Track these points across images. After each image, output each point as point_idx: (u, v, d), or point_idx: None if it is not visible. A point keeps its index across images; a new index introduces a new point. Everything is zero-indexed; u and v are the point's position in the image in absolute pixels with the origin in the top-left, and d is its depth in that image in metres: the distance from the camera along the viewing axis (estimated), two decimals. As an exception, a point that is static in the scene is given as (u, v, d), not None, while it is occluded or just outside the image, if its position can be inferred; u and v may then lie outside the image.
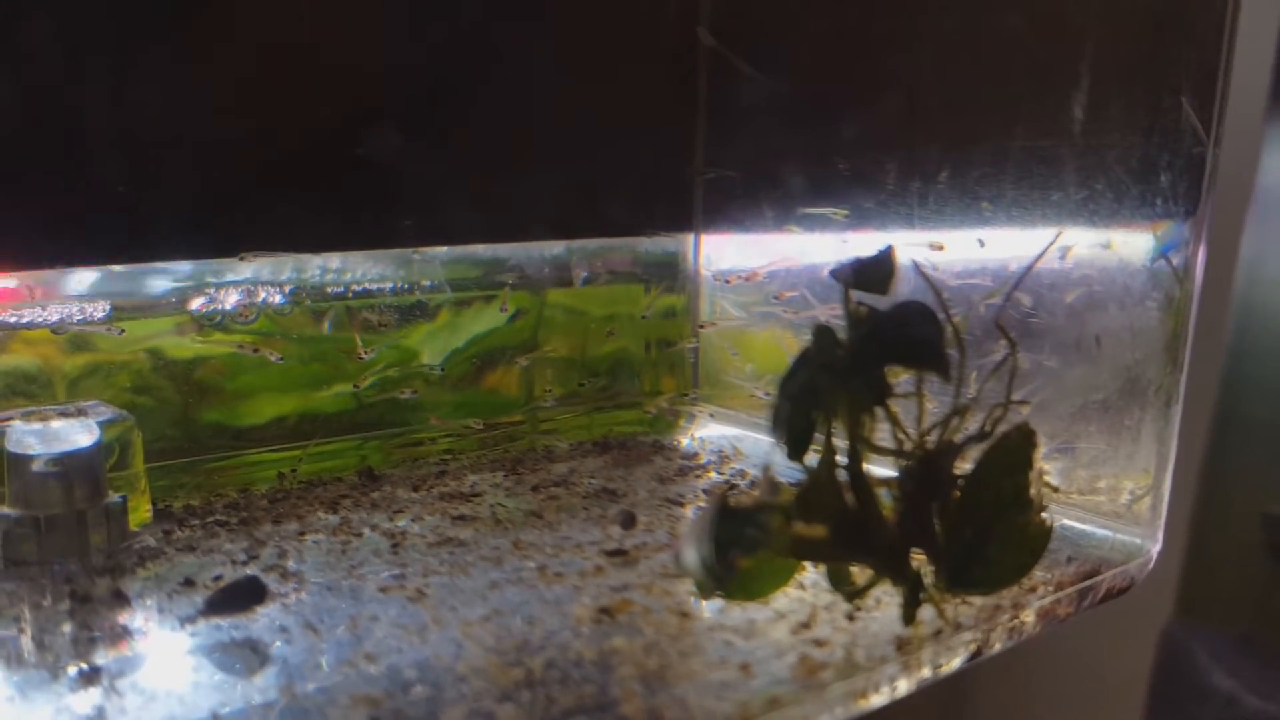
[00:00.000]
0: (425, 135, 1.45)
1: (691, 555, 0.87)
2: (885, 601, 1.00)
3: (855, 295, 0.93)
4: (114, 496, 1.15)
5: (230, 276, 1.39)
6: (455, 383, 1.58)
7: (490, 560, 1.14)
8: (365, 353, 1.47)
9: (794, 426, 0.90)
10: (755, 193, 1.58)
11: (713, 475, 1.45)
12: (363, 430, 1.51)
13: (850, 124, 1.41)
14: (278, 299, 1.42)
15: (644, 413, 1.73)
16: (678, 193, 1.70)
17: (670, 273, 1.74)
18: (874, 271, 0.95)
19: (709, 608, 1.00)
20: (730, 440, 1.62)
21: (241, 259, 1.36)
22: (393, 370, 1.52)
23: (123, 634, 0.97)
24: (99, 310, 1.32)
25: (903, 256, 0.97)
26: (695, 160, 1.67)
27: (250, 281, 1.40)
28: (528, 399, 1.64)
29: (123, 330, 1.32)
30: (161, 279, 1.36)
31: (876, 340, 0.90)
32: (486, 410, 1.60)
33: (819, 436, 0.91)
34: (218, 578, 1.08)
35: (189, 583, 1.07)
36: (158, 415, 1.35)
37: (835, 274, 0.95)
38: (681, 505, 1.32)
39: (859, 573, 0.95)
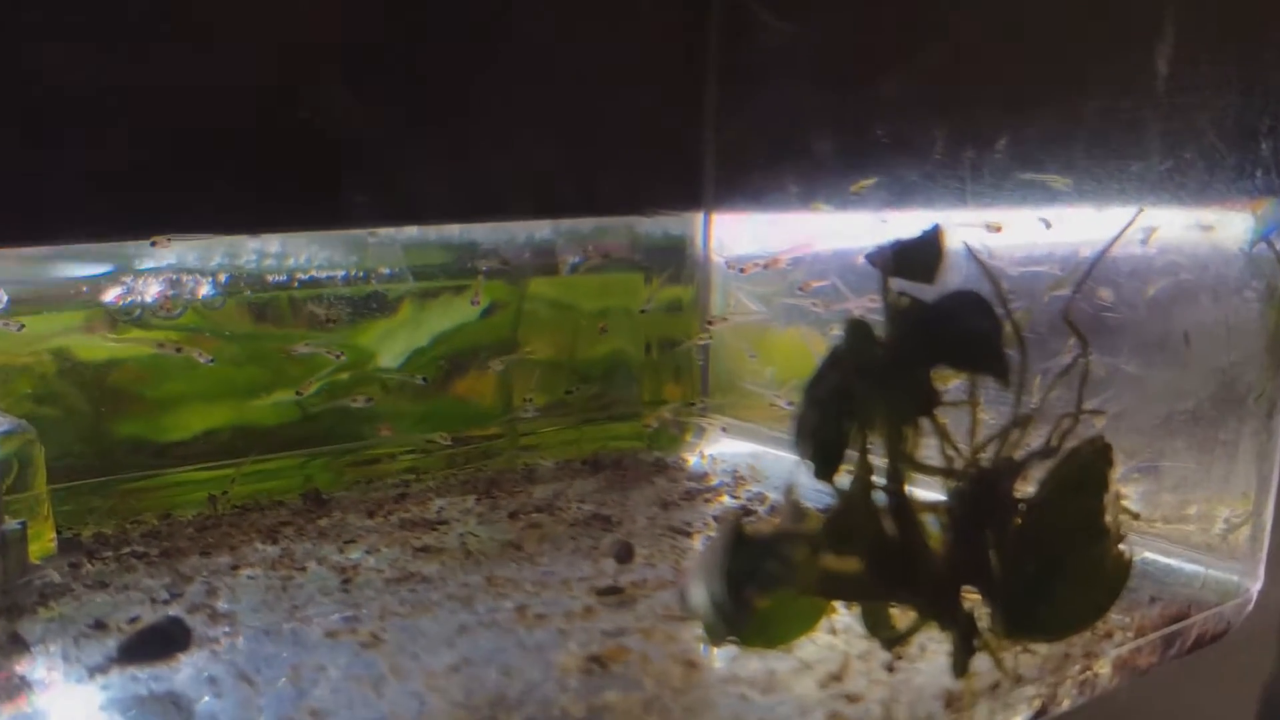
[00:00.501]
0: (383, 94, 1.45)
1: (700, 593, 0.87)
2: (931, 649, 1.00)
3: (896, 284, 0.93)
4: (11, 523, 1.15)
5: (151, 263, 1.39)
6: (418, 389, 1.58)
7: (459, 599, 1.13)
8: (302, 347, 1.47)
9: (823, 439, 0.90)
10: (776, 163, 1.58)
11: (725, 500, 1.45)
12: (308, 446, 1.51)
13: (890, 81, 1.40)
14: (206, 289, 1.42)
15: (643, 426, 1.73)
16: (685, 163, 1.70)
17: (675, 259, 1.74)
18: (918, 255, 0.94)
19: (720, 656, 1.00)
20: (746, 458, 1.62)
21: (154, 244, 1.36)
22: (343, 374, 1.52)
23: (20, 686, 0.97)
24: (-9, 302, 1.32)
25: (952, 239, 0.97)
26: (705, 124, 1.67)
27: (175, 269, 1.40)
28: (505, 409, 1.64)
29: (22, 326, 1.32)
30: (69, 265, 1.36)
31: (921, 337, 0.90)
32: (455, 422, 1.60)
33: (852, 452, 0.91)
34: (134, 619, 1.08)
35: (100, 625, 1.07)
36: (64, 428, 1.35)
37: (872, 258, 0.94)
38: (688, 535, 1.32)
39: (900, 615, 0.95)
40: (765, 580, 0.85)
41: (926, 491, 0.93)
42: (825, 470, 0.90)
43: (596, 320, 1.69)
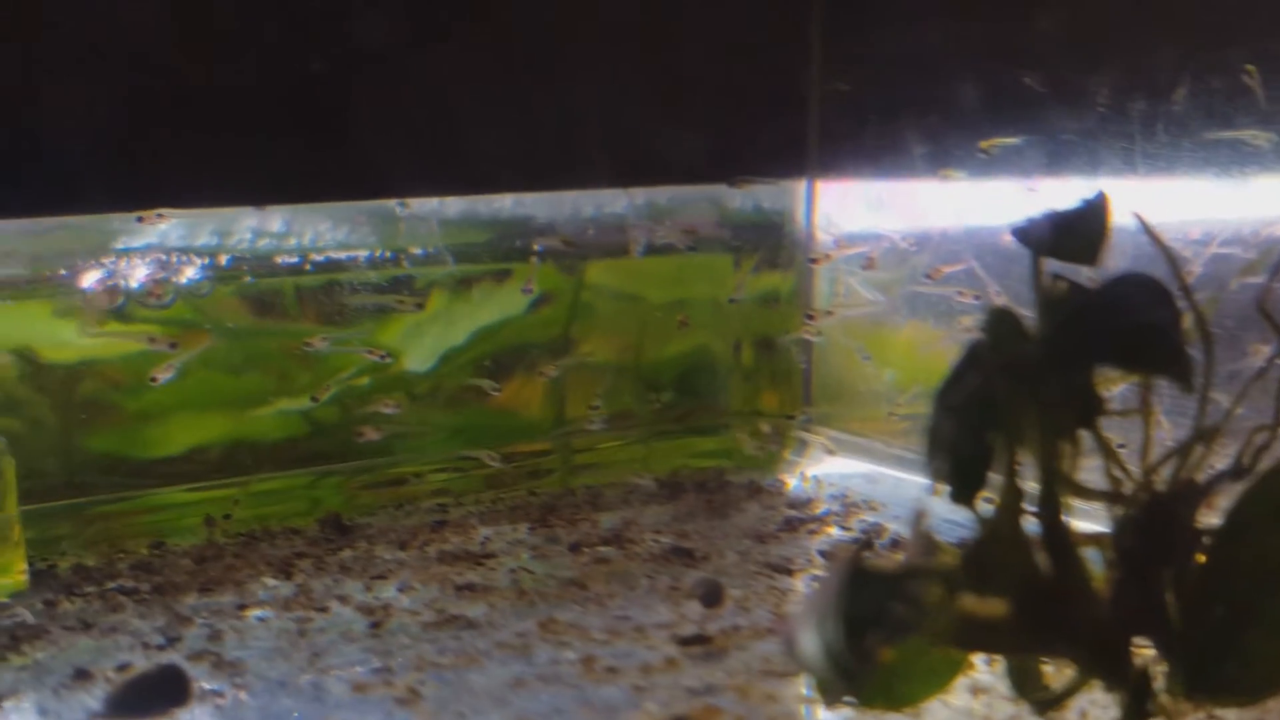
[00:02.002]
0: (415, 38, 1.47)
1: (811, 641, 0.87)
2: (1094, 714, 1.00)
3: (1049, 266, 0.93)
4: (-25, 552, 1.18)
5: (133, 242, 1.41)
6: (450, 397, 1.60)
7: (512, 648, 1.15)
8: (318, 341, 1.49)
9: (961, 456, 0.90)
10: (896, 119, 1.58)
11: (834, 531, 1.46)
12: (317, 463, 1.54)
13: (1043, 13, 1.40)
14: (192, 272, 1.44)
15: (740, 439, 1.73)
16: (783, 120, 1.70)
17: (771, 238, 1.75)
18: (1078, 231, 0.94)
19: (834, 718, 1.01)
20: (858, 480, 1.62)
21: (141, 220, 1.39)
22: (362, 378, 1.54)
23: (-11, 745, 0.99)
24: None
25: (1119, 211, 0.97)
26: (809, 70, 1.68)
27: (161, 248, 1.42)
28: (557, 421, 1.66)
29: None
30: (29, 243, 1.39)
31: (1082, 330, 0.90)
32: (495, 437, 1.62)
33: (996, 471, 0.91)
34: (124, 667, 1.10)
35: (83, 674, 1.09)
36: (29, 442, 1.37)
37: (1022, 234, 0.95)
38: (789, 573, 1.33)
39: (1055, 671, 0.95)
40: (892, 626, 0.85)
41: (1087, 521, 0.93)
42: (965, 493, 0.90)
43: (670, 313, 1.70)
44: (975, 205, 1.52)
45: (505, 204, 1.60)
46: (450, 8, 1.49)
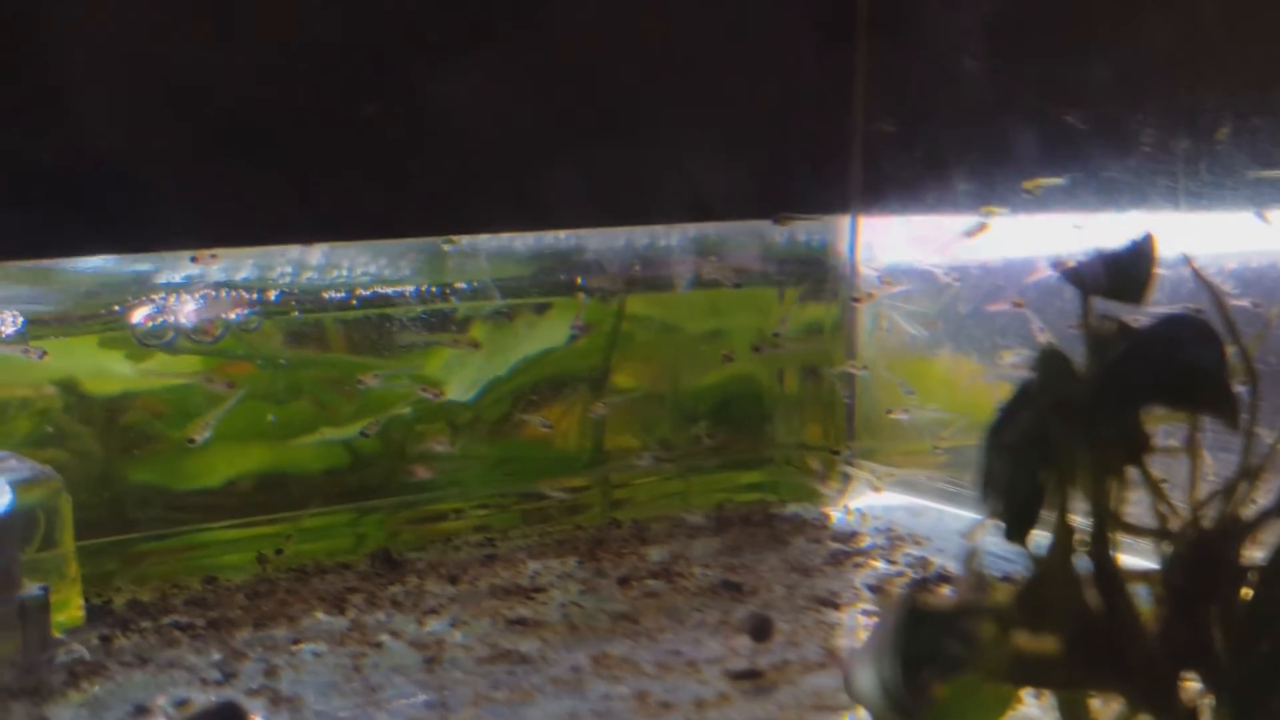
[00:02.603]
0: (462, 74, 1.49)
1: (868, 678, 0.88)
2: (1143, 749, 1.01)
3: (1098, 305, 0.94)
4: (32, 588, 1.19)
5: (176, 276, 1.43)
6: (492, 428, 1.62)
7: (565, 683, 1.16)
8: (371, 379, 1.51)
9: (1015, 494, 0.91)
10: (940, 155, 1.59)
11: (879, 565, 1.47)
12: (360, 498, 1.56)
13: (1087, 54, 1.42)
14: (242, 310, 1.46)
15: (799, 467, 1.74)
16: (827, 155, 1.71)
17: (815, 272, 1.76)
18: (1127, 270, 0.96)
19: (886, 754, 1.02)
20: (902, 514, 1.64)
21: (194, 260, 1.41)
22: (405, 409, 1.56)
23: (54, 781, 1.01)
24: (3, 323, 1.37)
25: (1165, 249, 0.98)
26: (853, 106, 1.69)
27: (210, 283, 1.45)
28: (596, 454, 1.67)
29: (44, 353, 1.37)
30: (82, 279, 1.41)
31: (1131, 370, 0.91)
32: (533, 469, 1.64)
33: (1048, 509, 0.92)
34: (182, 703, 1.12)
35: (142, 710, 1.11)
36: (76, 472, 1.39)
37: (1070, 275, 0.96)
38: (836, 607, 1.34)
39: (1105, 706, 0.96)
40: (946, 663, 0.86)
41: (1135, 558, 0.94)
42: (1019, 531, 0.91)
43: (710, 345, 1.72)
44: (1018, 240, 1.53)
45: (535, 241, 1.62)
46: (513, 46, 1.51)
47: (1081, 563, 0.92)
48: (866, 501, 1.69)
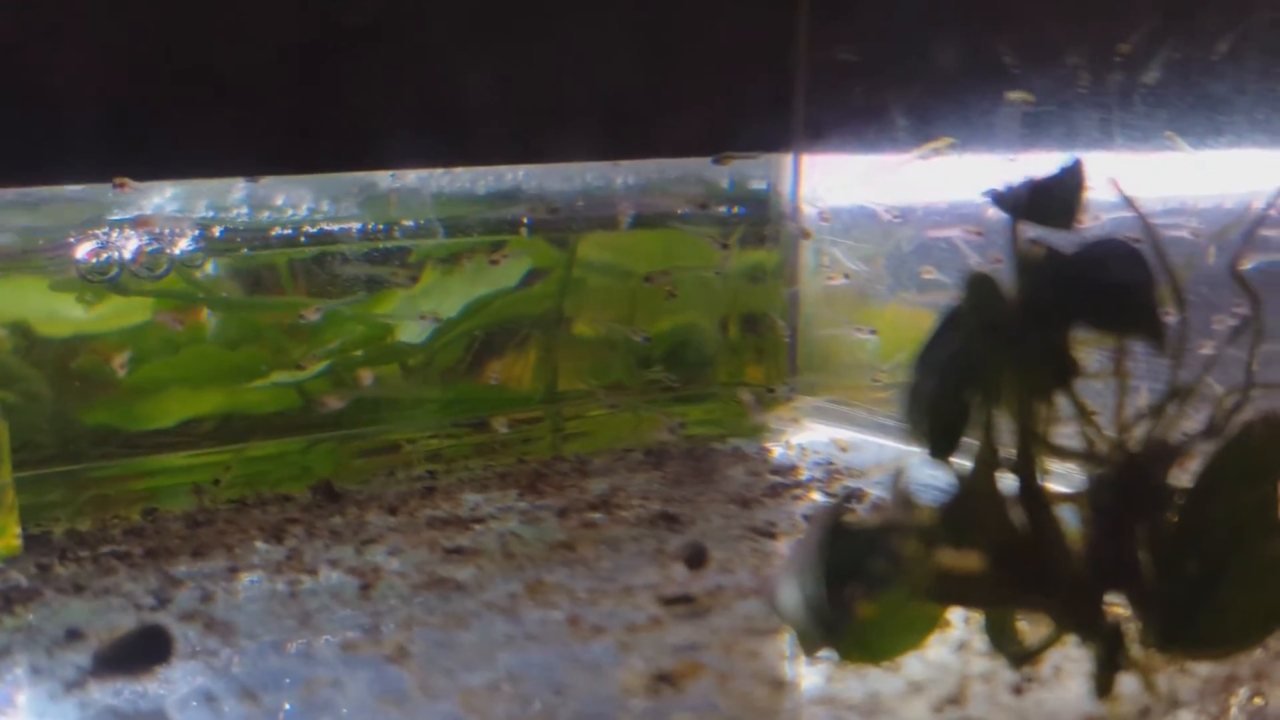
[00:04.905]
0: (410, 9, 1.47)
1: (791, 595, 0.88)
2: (1068, 668, 1.01)
3: (1026, 231, 0.94)
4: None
5: (122, 213, 1.42)
6: (444, 369, 1.60)
7: (500, 609, 1.16)
8: (311, 313, 1.50)
9: (939, 413, 0.91)
10: (882, 93, 1.58)
11: (816, 497, 1.47)
12: (311, 432, 1.55)
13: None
14: (185, 244, 1.44)
15: (739, 401, 1.73)
16: (769, 93, 1.70)
17: (757, 212, 1.75)
18: (1054, 195, 0.95)
19: (814, 673, 1.01)
20: (842, 447, 1.63)
21: (119, 186, 1.39)
22: (356, 350, 1.55)
23: (-17, 703, 1.00)
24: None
25: (1095, 179, 0.97)
26: (795, 42, 1.68)
27: (152, 219, 1.43)
28: (548, 395, 1.66)
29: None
30: (20, 215, 1.39)
31: (1059, 292, 0.91)
32: (487, 409, 1.63)
33: (973, 430, 0.91)
34: (115, 628, 1.11)
35: (75, 635, 1.10)
36: (22, 413, 1.38)
37: (1000, 199, 0.95)
38: (772, 537, 1.34)
39: (1030, 626, 0.96)
40: (870, 580, 0.86)
41: (1064, 479, 0.94)
42: (943, 448, 0.91)
43: (657, 288, 1.71)
44: (961, 178, 1.53)
45: (485, 179, 1.60)
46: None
47: (1007, 483, 0.91)
48: (808, 437, 1.68)
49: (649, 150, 1.66)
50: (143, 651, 1.05)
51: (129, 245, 1.42)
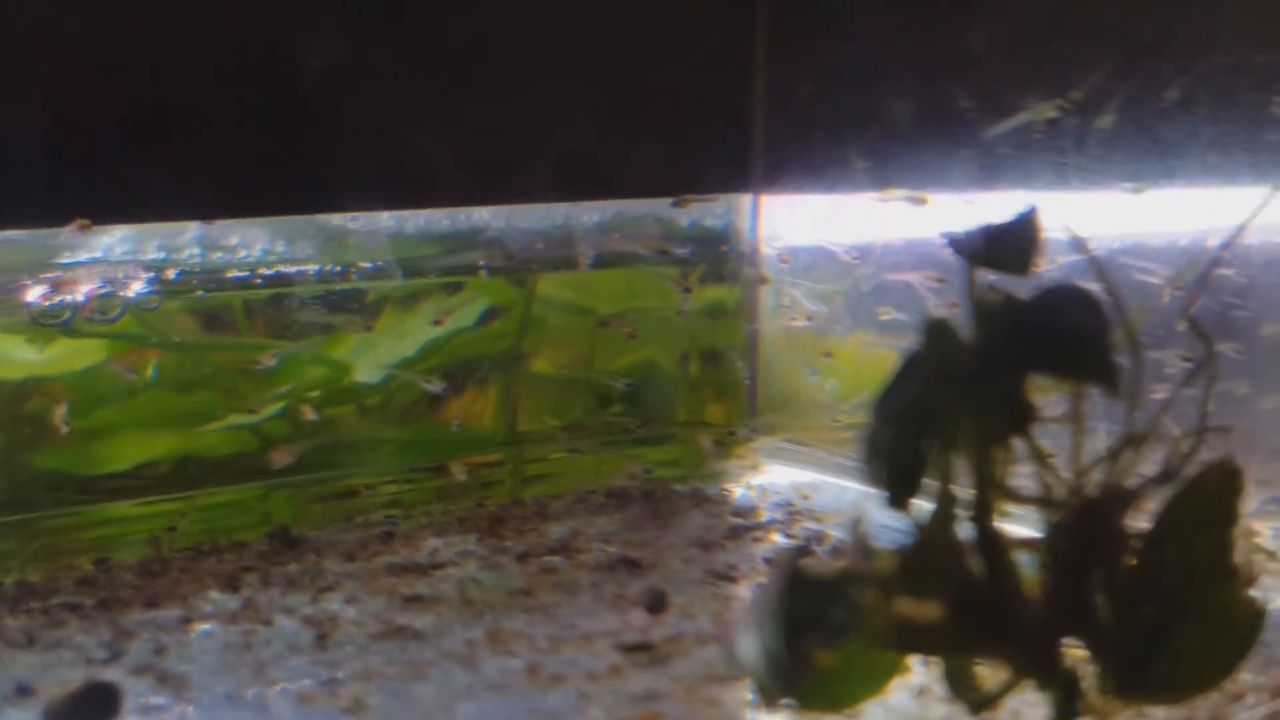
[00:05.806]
0: (363, 51, 1.48)
1: (751, 646, 0.88)
2: (1026, 714, 1.01)
3: (983, 277, 0.95)
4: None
5: (78, 256, 1.41)
6: (403, 410, 1.60)
7: (459, 658, 1.15)
8: (268, 359, 1.49)
9: (897, 462, 0.91)
10: (840, 135, 1.59)
11: (776, 539, 1.47)
12: (269, 478, 1.54)
13: (977, 30, 1.42)
14: (140, 285, 1.44)
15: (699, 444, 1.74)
16: (728, 134, 1.71)
17: (716, 251, 1.76)
18: (1010, 242, 0.96)
19: (773, 723, 1.01)
20: (803, 489, 1.64)
21: (83, 229, 1.39)
22: (313, 392, 1.54)
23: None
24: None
25: (1051, 223, 0.98)
26: (754, 85, 1.69)
27: (107, 262, 1.42)
28: (509, 435, 1.66)
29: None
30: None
31: (1016, 339, 0.92)
32: (447, 450, 1.62)
33: (931, 477, 0.92)
34: (66, 683, 1.09)
35: (25, 690, 1.09)
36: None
37: (957, 244, 0.96)
38: (733, 580, 1.34)
39: (989, 672, 0.96)
40: (829, 630, 0.86)
41: (1020, 526, 0.95)
42: (900, 498, 0.91)
43: (619, 326, 1.71)
44: (918, 219, 1.54)
45: (445, 220, 1.60)
46: (400, 21, 1.49)
47: (965, 531, 0.92)
48: (768, 478, 1.69)
49: (609, 192, 1.67)
50: (93, 708, 1.04)
51: (80, 288, 1.42)
